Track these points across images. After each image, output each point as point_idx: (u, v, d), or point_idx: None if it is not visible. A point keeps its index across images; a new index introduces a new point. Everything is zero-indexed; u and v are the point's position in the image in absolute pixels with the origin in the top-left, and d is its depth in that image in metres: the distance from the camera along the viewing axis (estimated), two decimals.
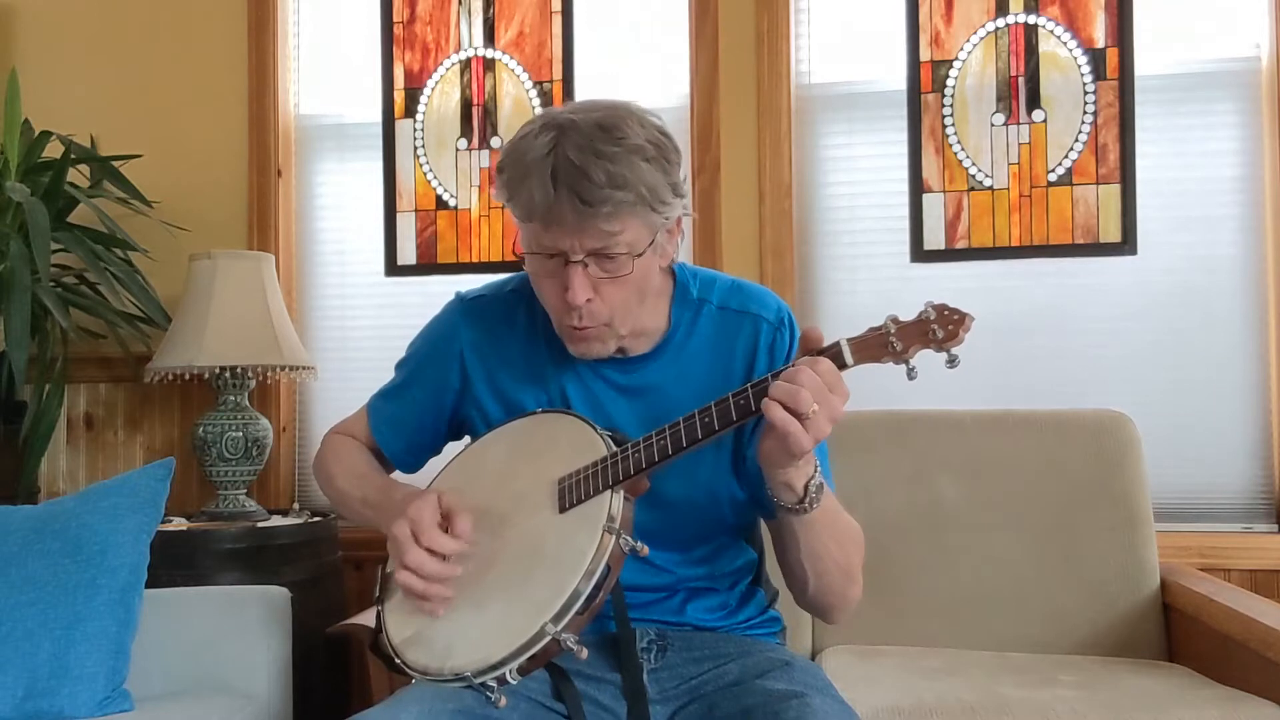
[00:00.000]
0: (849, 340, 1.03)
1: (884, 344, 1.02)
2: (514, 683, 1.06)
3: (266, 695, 1.69)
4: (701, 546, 1.29)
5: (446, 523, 1.15)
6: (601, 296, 1.16)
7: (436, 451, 1.41)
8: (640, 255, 1.15)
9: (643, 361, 1.27)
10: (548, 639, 1.04)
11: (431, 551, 1.12)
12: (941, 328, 1.00)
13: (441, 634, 1.12)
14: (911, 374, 1.02)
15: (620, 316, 1.19)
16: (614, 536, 1.06)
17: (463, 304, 1.36)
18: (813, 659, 1.87)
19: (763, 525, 1.39)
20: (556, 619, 1.04)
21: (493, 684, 1.06)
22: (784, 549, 1.20)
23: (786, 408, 0.99)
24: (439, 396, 1.35)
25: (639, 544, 1.06)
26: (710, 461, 1.24)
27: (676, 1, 2.43)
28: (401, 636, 1.16)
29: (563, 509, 1.13)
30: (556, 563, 1.08)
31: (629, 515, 1.10)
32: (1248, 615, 1.62)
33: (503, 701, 1.07)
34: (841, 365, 1.03)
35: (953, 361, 1.01)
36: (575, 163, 1.09)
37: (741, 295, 1.31)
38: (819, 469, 1.10)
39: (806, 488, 1.08)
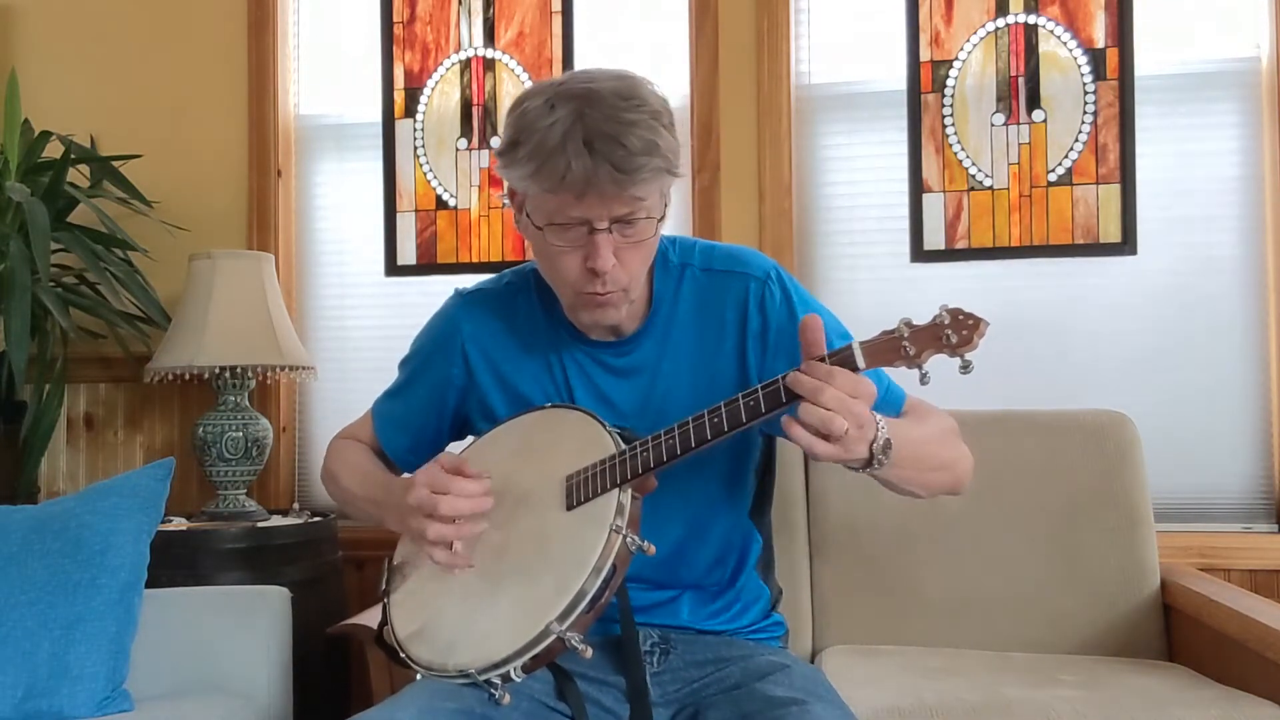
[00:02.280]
0: (861, 344, 1.02)
1: (896, 348, 1.00)
2: (518, 680, 1.06)
3: (266, 695, 1.69)
4: (704, 544, 1.29)
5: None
6: (621, 262, 1.16)
7: (440, 450, 1.40)
8: (660, 219, 1.17)
9: (635, 341, 1.27)
10: (552, 638, 1.04)
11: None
12: (955, 333, 0.98)
13: (446, 630, 1.12)
14: (924, 379, 1.01)
15: (634, 281, 1.20)
16: (621, 536, 1.06)
17: (462, 298, 1.36)
18: (813, 659, 1.86)
19: (762, 526, 1.39)
20: (562, 618, 1.04)
21: (496, 681, 1.06)
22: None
23: (821, 434, 0.98)
24: (442, 392, 1.35)
25: (646, 543, 1.06)
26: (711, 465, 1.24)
27: (676, 2, 2.43)
28: (407, 631, 1.16)
29: (570, 507, 1.12)
30: (563, 561, 1.08)
31: (636, 514, 1.09)
32: (1248, 615, 1.62)
33: (506, 699, 1.07)
34: (853, 370, 1.01)
35: (966, 367, 0.99)
36: (608, 132, 1.08)
37: (726, 257, 1.29)
38: (882, 425, 1.04)
39: (871, 451, 1.03)
